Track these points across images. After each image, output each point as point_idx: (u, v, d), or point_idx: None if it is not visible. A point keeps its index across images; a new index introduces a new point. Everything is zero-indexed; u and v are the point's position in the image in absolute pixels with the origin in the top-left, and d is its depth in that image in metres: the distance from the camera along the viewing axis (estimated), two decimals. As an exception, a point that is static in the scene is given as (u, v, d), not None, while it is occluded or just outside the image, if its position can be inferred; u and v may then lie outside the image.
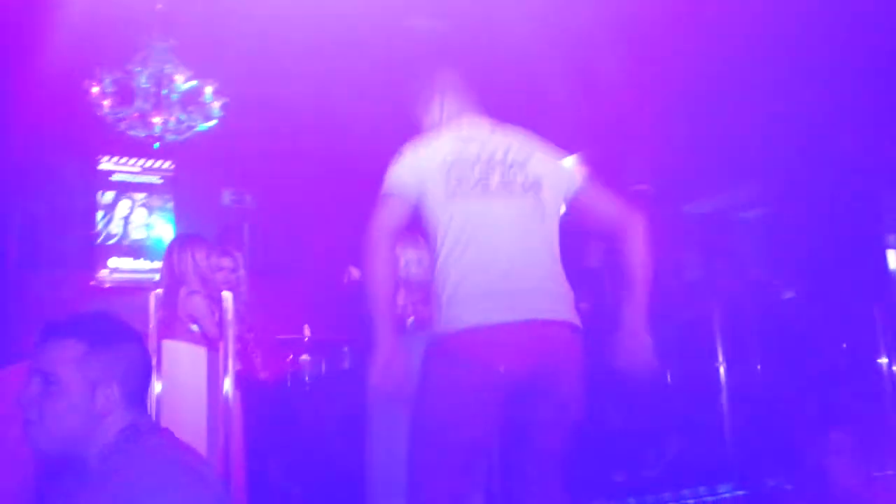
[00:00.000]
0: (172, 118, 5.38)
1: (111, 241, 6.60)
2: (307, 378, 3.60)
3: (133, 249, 6.65)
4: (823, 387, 4.00)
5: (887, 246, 4.85)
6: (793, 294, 4.07)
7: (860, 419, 2.82)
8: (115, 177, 6.70)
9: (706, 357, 3.97)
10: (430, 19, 5.21)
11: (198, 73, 5.35)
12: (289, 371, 3.66)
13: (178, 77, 5.36)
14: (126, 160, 6.69)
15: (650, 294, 1.95)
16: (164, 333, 2.93)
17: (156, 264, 3.45)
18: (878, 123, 4.45)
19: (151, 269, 6.16)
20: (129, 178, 6.73)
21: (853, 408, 3.47)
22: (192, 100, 5.44)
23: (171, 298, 3.19)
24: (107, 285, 6.38)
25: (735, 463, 3.40)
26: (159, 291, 2.90)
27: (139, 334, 1.55)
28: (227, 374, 2.79)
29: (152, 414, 2.71)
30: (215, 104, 5.44)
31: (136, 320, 2.97)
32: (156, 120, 5.33)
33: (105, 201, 6.61)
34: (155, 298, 2.86)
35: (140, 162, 6.72)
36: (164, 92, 5.37)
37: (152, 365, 1.54)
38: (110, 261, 6.54)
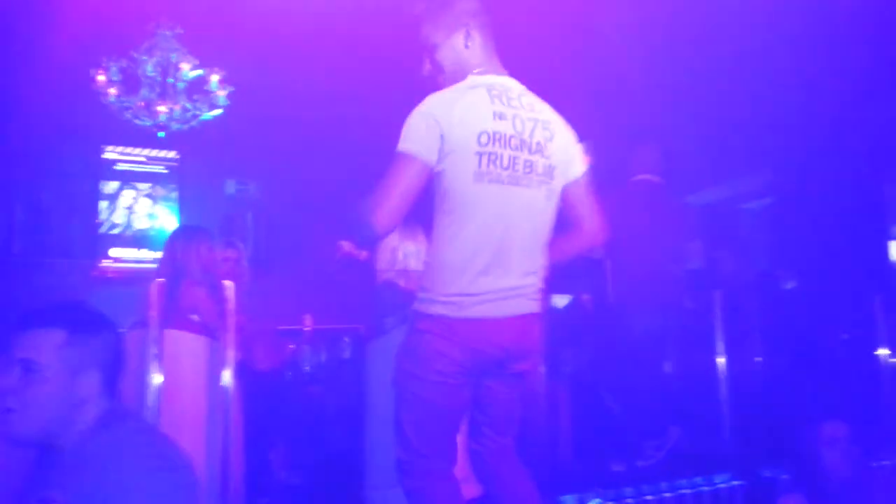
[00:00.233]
0: (178, 107, 5.39)
1: (115, 231, 6.62)
2: (307, 368, 3.62)
3: (136, 239, 6.67)
4: (823, 377, 3.99)
5: (888, 237, 4.82)
6: (794, 285, 4.06)
7: (859, 410, 2.82)
8: (120, 166, 6.71)
9: (705, 348, 3.97)
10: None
11: (204, 62, 5.36)
12: (289, 361, 3.68)
13: (185, 66, 5.37)
14: (131, 149, 6.71)
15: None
16: (165, 323, 2.95)
17: (158, 254, 3.46)
18: (881, 115, 4.43)
19: (154, 260, 6.20)
20: (134, 167, 6.74)
21: (852, 399, 3.47)
22: (198, 88, 5.45)
23: (173, 289, 3.21)
24: (110, 275, 6.42)
25: (732, 453, 3.40)
26: (160, 281, 2.91)
27: (114, 323, 1.57)
28: (228, 365, 2.81)
29: (153, 403, 2.74)
30: (221, 93, 5.45)
31: (138, 310, 3.02)
32: (161, 109, 5.35)
33: (109, 191, 6.63)
34: (156, 288, 2.87)
35: (144, 151, 6.73)
36: (170, 81, 5.38)
37: (126, 353, 1.57)
38: (113, 250, 6.57)
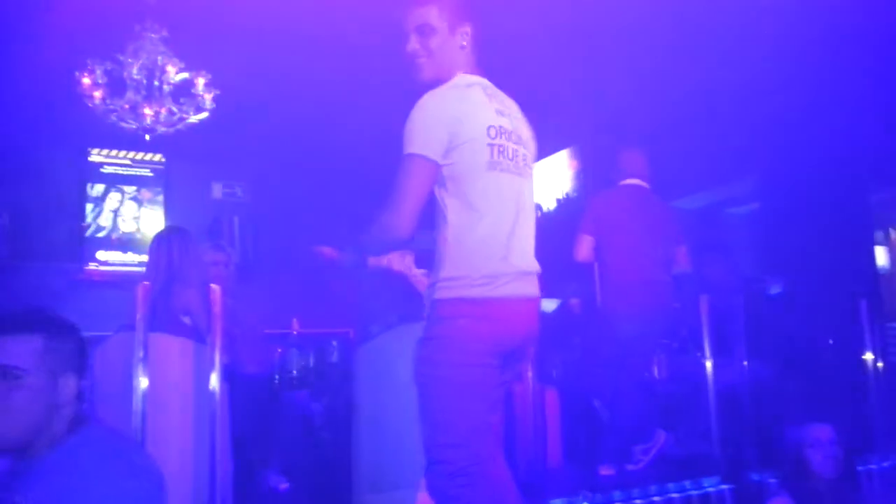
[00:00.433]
0: (164, 110, 5.35)
1: (101, 234, 6.57)
2: (295, 372, 3.60)
3: (122, 242, 6.62)
4: (809, 381, 4.02)
5: (873, 242, 4.87)
6: (779, 289, 4.09)
7: (844, 413, 2.84)
8: (105, 169, 6.66)
9: (693, 352, 3.99)
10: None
11: (190, 65, 5.32)
12: (277, 365, 3.66)
13: (171, 68, 5.33)
14: (116, 152, 6.66)
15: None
16: (155, 325, 2.92)
17: (145, 258, 3.43)
18: (867, 121, 4.48)
19: (140, 263, 6.16)
20: (120, 170, 6.69)
21: (838, 402, 3.50)
22: (184, 92, 5.41)
23: (165, 290, 3.19)
24: (96, 278, 6.36)
25: (721, 457, 3.42)
26: (146, 284, 2.88)
27: (79, 327, 1.58)
28: (215, 369, 2.79)
29: (139, 407, 2.72)
30: (207, 96, 5.41)
31: (126, 313, 2.99)
32: (147, 112, 5.30)
33: (95, 194, 6.59)
34: (143, 291, 2.84)
35: (130, 154, 6.68)
36: (156, 83, 5.34)
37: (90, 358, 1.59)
38: (99, 253, 6.51)
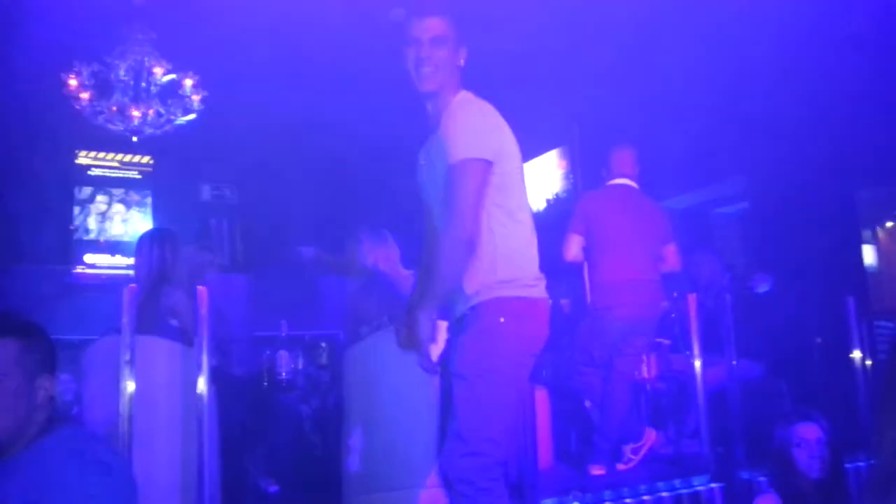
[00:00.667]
0: (151, 111, 5.33)
1: (88, 237, 6.52)
2: (284, 374, 3.58)
3: (110, 245, 6.57)
4: (797, 380, 4.04)
5: (861, 241, 4.90)
6: (768, 287, 4.11)
7: (832, 411, 2.85)
8: (93, 171, 6.61)
9: (682, 350, 4.00)
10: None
11: (177, 67, 5.30)
12: (265, 368, 3.65)
13: (158, 70, 5.31)
14: (104, 154, 6.62)
15: None
16: (142, 327, 2.91)
17: (133, 260, 3.41)
18: (854, 121, 4.50)
19: (129, 266, 6.12)
20: (107, 172, 6.65)
21: (826, 400, 3.51)
22: (172, 93, 5.39)
23: (153, 293, 3.17)
24: (84, 281, 6.31)
25: (710, 456, 3.42)
26: (133, 287, 2.86)
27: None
28: (202, 371, 2.77)
29: (126, 410, 2.70)
30: (195, 98, 5.39)
31: (114, 316, 2.97)
32: (135, 113, 5.28)
33: (82, 196, 6.54)
34: (129, 294, 2.82)
35: (118, 156, 6.64)
36: (143, 85, 5.32)
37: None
38: (87, 256, 6.47)
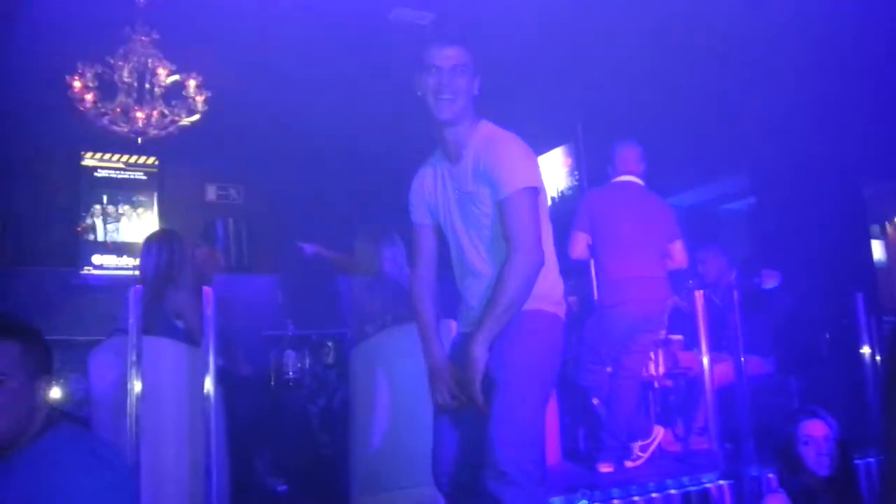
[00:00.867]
0: (156, 113, 5.32)
1: (95, 238, 6.54)
2: (291, 374, 3.58)
3: (117, 246, 6.59)
4: (805, 376, 4.02)
5: (869, 236, 4.87)
6: (776, 284, 4.08)
7: (841, 408, 2.83)
8: (99, 173, 6.63)
9: (690, 347, 3.99)
10: (415, 12, 5.19)
11: (181, 67, 5.30)
12: (272, 367, 3.64)
13: (162, 71, 5.30)
14: (109, 156, 6.63)
15: None
16: (149, 328, 2.91)
17: (139, 261, 3.41)
18: (861, 114, 4.47)
19: (135, 267, 6.13)
20: (113, 174, 6.67)
21: (835, 397, 3.49)
22: (176, 94, 5.39)
23: (157, 295, 3.17)
24: (91, 282, 6.33)
25: (719, 453, 3.41)
26: (138, 288, 2.86)
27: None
28: (209, 371, 2.77)
29: (133, 411, 2.70)
30: (199, 98, 5.38)
31: (121, 317, 2.97)
32: (139, 115, 5.27)
33: (88, 198, 6.55)
34: (135, 295, 2.82)
35: (123, 158, 6.66)
36: (147, 86, 5.31)
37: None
38: (94, 258, 6.49)
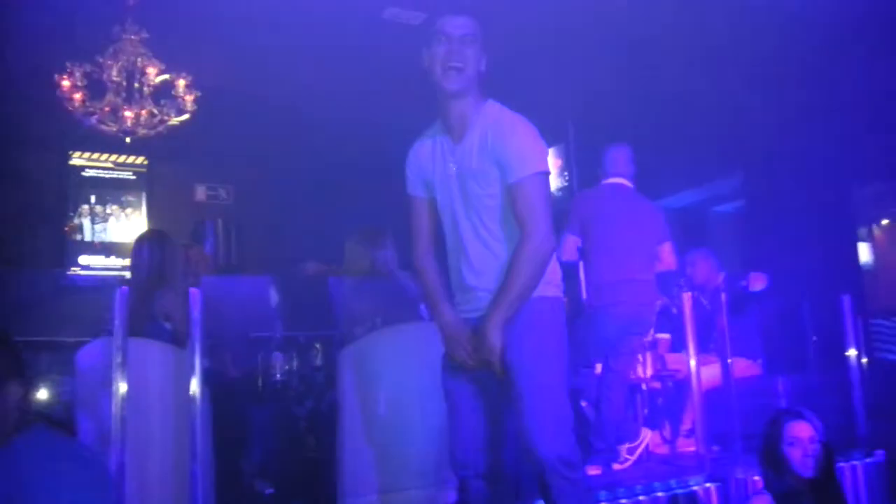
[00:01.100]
0: (144, 112, 5.30)
1: (83, 239, 6.51)
2: (278, 376, 3.57)
3: (105, 247, 6.56)
4: (793, 378, 4.03)
5: (856, 239, 4.89)
6: (764, 287, 4.10)
7: (828, 410, 2.85)
8: (87, 173, 6.60)
9: (678, 349, 4.00)
10: (408, 11, 5.19)
11: (171, 67, 5.27)
12: (260, 369, 3.63)
13: (151, 70, 5.28)
14: (98, 156, 6.61)
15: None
16: (136, 330, 2.89)
17: (128, 262, 3.39)
18: (851, 118, 4.50)
19: (123, 267, 6.10)
20: (101, 173, 6.64)
21: (821, 399, 3.50)
22: (165, 94, 5.36)
23: (148, 295, 3.16)
24: (79, 283, 6.29)
25: (706, 456, 3.42)
26: (125, 289, 2.84)
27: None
28: (195, 373, 2.76)
29: (118, 413, 2.68)
30: (188, 98, 5.36)
31: (107, 318, 2.95)
32: (128, 114, 5.25)
33: (77, 198, 6.52)
34: (121, 296, 2.80)
35: (112, 157, 6.63)
36: (136, 86, 5.28)
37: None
38: (82, 258, 6.45)
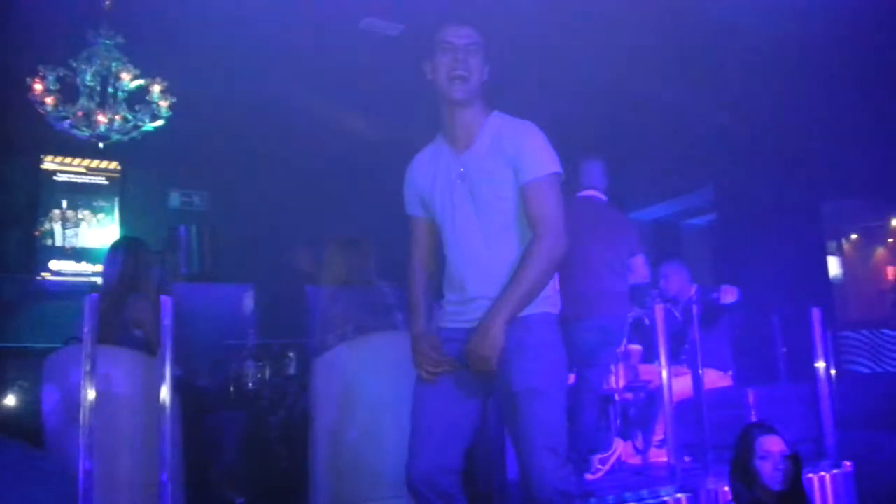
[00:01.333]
0: (118, 117, 5.25)
1: (54, 243, 6.43)
2: (250, 384, 3.54)
3: (76, 252, 6.48)
4: (762, 390, 4.08)
5: (825, 252, 4.98)
6: (735, 300, 4.15)
7: (797, 422, 2.89)
8: (59, 177, 6.53)
9: (652, 360, 4.03)
10: (387, 21, 5.20)
11: (145, 72, 5.24)
12: (232, 377, 3.60)
13: (125, 75, 5.23)
14: (70, 160, 6.53)
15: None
16: (106, 337, 2.85)
17: (98, 267, 3.35)
18: (821, 134, 4.59)
19: (94, 273, 6.02)
20: (74, 178, 6.56)
21: (791, 411, 3.55)
22: (139, 99, 5.32)
23: (119, 302, 3.12)
24: (49, 288, 6.21)
25: (677, 466, 3.44)
26: (94, 296, 2.80)
27: None
28: (165, 381, 2.72)
29: (86, 421, 2.63)
30: (163, 103, 5.32)
31: (76, 325, 2.91)
32: (101, 119, 5.19)
33: (48, 202, 6.44)
34: (90, 303, 2.76)
35: (85, 162, 6.56)
36: (110, 90, 5.24)
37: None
38: (52, 263, 6.37)
